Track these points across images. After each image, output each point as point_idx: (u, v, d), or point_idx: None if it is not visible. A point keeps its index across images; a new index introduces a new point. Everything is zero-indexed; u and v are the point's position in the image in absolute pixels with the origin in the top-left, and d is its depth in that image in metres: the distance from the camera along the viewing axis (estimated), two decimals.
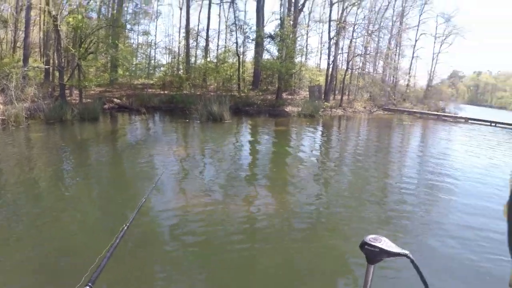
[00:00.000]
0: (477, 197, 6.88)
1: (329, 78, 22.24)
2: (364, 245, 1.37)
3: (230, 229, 5.03)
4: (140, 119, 17.47)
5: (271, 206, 6.06)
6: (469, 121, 23.76)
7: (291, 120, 18.23)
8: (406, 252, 1.31)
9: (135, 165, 8.92)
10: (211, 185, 7.10)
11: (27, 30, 19.39)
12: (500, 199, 6.72)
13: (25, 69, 17.04)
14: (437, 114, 25.52)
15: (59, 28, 16.65)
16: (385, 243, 1.34)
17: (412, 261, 1.27)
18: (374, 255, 1.35)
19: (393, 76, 28.75)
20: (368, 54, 26.42)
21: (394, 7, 29.58)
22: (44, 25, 23.89)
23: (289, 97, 22.90)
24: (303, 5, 25.49)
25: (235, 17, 25.65)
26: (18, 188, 6.59)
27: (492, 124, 23.23)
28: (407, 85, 30.86)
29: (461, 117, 25.05)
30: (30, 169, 8.23)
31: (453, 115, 26.76)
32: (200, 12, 28.05)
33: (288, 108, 20.32)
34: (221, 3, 28.15)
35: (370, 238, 1.37)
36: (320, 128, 17.06)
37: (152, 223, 5.24)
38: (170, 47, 29.51)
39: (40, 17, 24.83)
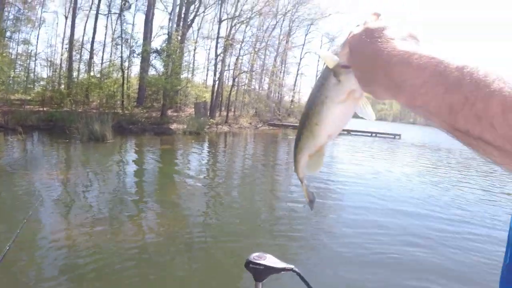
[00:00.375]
0: (361, 205, 7.52)
1: (215, 94, 22.82)
2: (248, 264, 1.38)
3: (119, 257, 4.84)
4: (16, 140, 16.14)
5: (160, 229, 6.04)
6: (351, 132, 26.07)
7: (176, 138, 18.34)
8: (292, 266, 1.34)
9: (9, 194, 8.08)
10: (96, 211, 6.84)
11: None
12: (383, 205, 7.61)
13: None
14: None
15: None
16: (270, 260, 1.37)
17: (298, 274, 1.31)
18: (259, 272, 1.37)
19: (278, 92, 30.52)
20: (254, 71, 27.63)
21: (281, 26, 31.56)
22: None
23: (175, 114, 22.98)
24: (192, 20, 25.90)
25: (122, 29, 25.04)
26: None
27: (373, 134, 26.07)
28: (292, 100, 32.97)
29: (343, 130, 27.36)
30: None
31: None
32: (86, 22, 26.66)
33: (174, 126, 20.40)
34: (109, 14, 27.17)
35: (254, 256, 1.39)
36: (206, 145, 17.42)
37: (31, 260, 4.82)
38: (52, 59, 27.54)
39: None
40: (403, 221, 6.70)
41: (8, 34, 25.33)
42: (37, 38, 28.97)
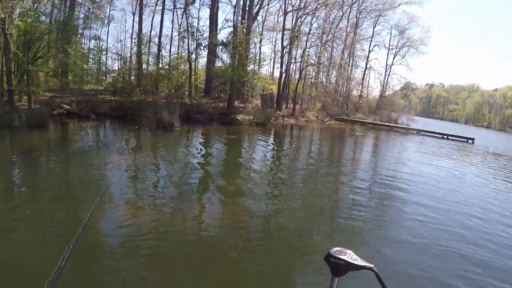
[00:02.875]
0: (432, 207, 6.92)
1: (281, 86, 22.27)
2: (329, 258, 1.35)
3: (181, 243, 4.81)
4: (90, 126, 16.83)
5: (222, 217, 5.88)
6: (421, 133, 24.44)
7: (242, 129, 18.02)
8: (371, 265, 1.31)
9: (83, 174, 8.41)
10: (161, 196, 6.84)
11: None
12: (456, 208, 7.00)
13: None
14: (389, 125, 26.13)
15: (7, 32, 15.78)
16: (350, 256, 1.34)
17: (376, 274, 1.28)
18: (339, 267, 1.34)
19: (346, 86, 29.32)
20: (321, 63, 26.76)
21: (348, 17, 30.31)
22: None
23: (241, 105, 22.74)
24: (257, 13, 25.49)
25: (188, 23, 25.29)
26: None
27: (444, 136, 23.95)
28: (360, 95, 31.59)
29: (413, 129, 25.75)
30: None
31: (405, 126, 27.50)
32: (153, 18, 27.47)
33: (240, 116, 20.11)
34: (175, 10, 27.71)
35: (335, 251, 1.36)
36: (272, 137, 16.95)
37: (99, 239, 4.90)
38: (122, 53, 28.72)
39: None
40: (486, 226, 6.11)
41: (79, 31, 26.92)
42: (107, 34, 30.52)
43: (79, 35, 26.94)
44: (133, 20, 28.33)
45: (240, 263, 4.47)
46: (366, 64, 32.98)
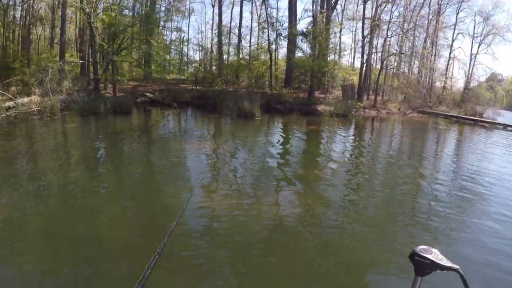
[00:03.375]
0: None
1: (362, 77, 21.76)
2: (414, 256, 1.33)
3: (255, 229, 4.89)
4: (172, 114, 17.68)
5: (299, 207, 5.88)
6: (508, 128, 22.60)
7: (323, 120, 17.93)
8: (457, 266, 1.27)
9: (167, 159, 8.96)
10: (241, 183, 7.01)
11: (63, 27, 20.22)
12: None
13: (61, 63, 17.69)
14: (474, 119, 24.39)
15: (92, 25, 17.10)
16: (436, 255, 1.31)
17: (462, 277, 1.24)
18: (423, 267, 1.31)
19: (429, 77, 27.87)
20: (403, 53, 25.65)
21: (430, 4, 28.65)
22: (79, 22, 24.56)
23: (322, 95, 22.55)
24: (336, 2, 25.00)
25: (267, 14, 25.48)
26: (56, 179, 6.63)
27: None
28: (443, 87, 29.89)
29: (499, 124, 23.86)
30: (66, 159, 8.42)
31: (492, 120, 25.52)
32: (232, 9, 28.17)
33: (320, 107, 20.00)
34: (253, 0, 28.07)
35: (421, 249, 1.33)
36: (352, 128, 16.69)
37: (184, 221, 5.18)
38: (203, 44, 29.72)
39: (75, 14, 25.68)
40: None
41: (161, 23, 28.35)
42: (188, 26, 31.91)
43: (161, 27, 28.43)
44: (213, 11, 29.23)
45: (312, 254, 4.38)
46: (450, 54, 30.98)
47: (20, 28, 23.13)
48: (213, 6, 28.98)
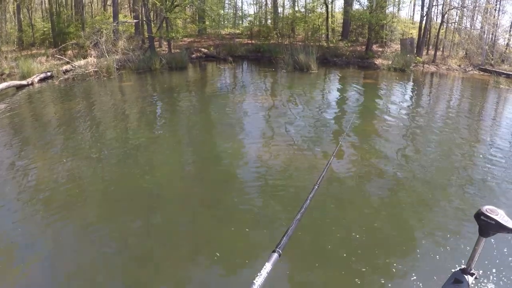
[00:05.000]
0: None
1: (422, 31, 21.02)
2: (480, 216, 1.29)
3: (307, 183, 4.94)
4: (227, 68, 18.04)
5: (354, 161, 6.00)
6: None
7: (380, 74, 17.74)
8: None
9: (224, 113, 9.45)
10: (296, 135, 7.30)
11: None
12: None
13: (115, 24, 18.32)
14: None
15: None
16: (502, 217, 1.26)
17: None
18: (488, 227, 1.28)
19: (492, 34, 26.38)
20: (465, 7, 24.31)
21: None
22: None
23: (380, 49, 22.07)
24: None
25: None
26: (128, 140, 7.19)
27: None
28: (507, 44, 28.23)
29: None
30: (124, 116, 9.17)
31: None
32: None
33: (378, 61, 19.68)
34: None
35: (487, 209, 1.29)
36: (410, 84, 16.43)
37: (233, 171, 5.58)
38: None
39: None
40: None
41: None
42: None
43: None
44: None
45: (367, 210, 4.41)
46: None
47: None
48: None
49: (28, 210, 4.33)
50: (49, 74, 13.90)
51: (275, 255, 1.17)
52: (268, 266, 1.10)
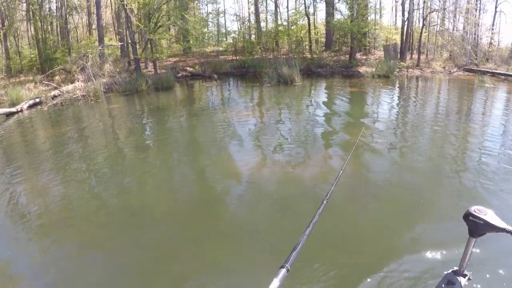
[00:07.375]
0: None
1: (404, 36, 21.20)
2: (468, 216, 1.30)
3: (298, 195, 5.06)
4: (214, 85, 18.12)
5: (353, 171, 5.88)
6: None
7: (365, 81, 17.79)
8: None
9: (213, 129, 9.43)
10: (285, 148, 7.34)
11: (99, 12, 20.91)
12: None
13: (100, 47, 18.38)
14: None
15: (126, 7, 17.59)
16: (491, 216, 1.27)
17: None
18: (477, 227, 1.29)
19: (474, 34, 26.62)
20: (445, 9, 24.57)
21: None
22: (114, 5, 25.14)
23: (364, 57, 22.24)
24: None
25: None
26: (107, 159, 7.22)
27: None
28: (490, 43, 28.47)
29: None
30: (113, 137, 9.27)
31: None
32: None
33: (362, 69, 19.79)
34: None
35: (475, 209, 1.30)
36: (395, 89, 16.47)
37: (225, 184, 5.62)
38: (240, 13, 29.68)
39: None
40: None
41: None
42: None
43: (196, 1, 28.46)
44: None
45: (355, 217, 4.45)
46: (496, 8, 29.38)
47: (57, 19, 23.92)
48: None
49: (21, 234, 4.37)
50: (37, 100, 13.87)
51: (283, 271, 1.14)
52: (275, 282, 1.08)
